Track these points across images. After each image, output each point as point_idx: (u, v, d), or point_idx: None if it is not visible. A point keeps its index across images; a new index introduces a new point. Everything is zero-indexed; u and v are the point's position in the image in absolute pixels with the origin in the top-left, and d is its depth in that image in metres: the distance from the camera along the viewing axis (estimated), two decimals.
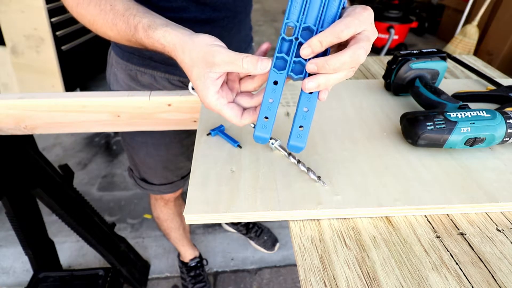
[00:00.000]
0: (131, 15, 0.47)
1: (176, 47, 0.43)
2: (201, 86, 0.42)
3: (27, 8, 1.91)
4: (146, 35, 0.45)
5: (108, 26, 0.50)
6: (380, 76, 0.88)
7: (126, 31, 0.48)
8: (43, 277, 1.07)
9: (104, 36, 0.53)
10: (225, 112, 0.43)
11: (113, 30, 0.49)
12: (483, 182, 0.49)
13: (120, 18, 0.48)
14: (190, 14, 0.65)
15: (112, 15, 0.49)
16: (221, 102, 0.42)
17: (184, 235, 1.24)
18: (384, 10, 3.26)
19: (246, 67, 0.39)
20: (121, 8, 0.49)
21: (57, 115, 0.70)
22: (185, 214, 0.44)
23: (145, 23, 0.46)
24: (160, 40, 0.44)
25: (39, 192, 0.90)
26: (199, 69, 0.41)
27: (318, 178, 0.48)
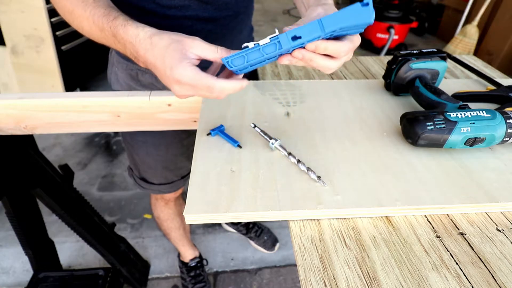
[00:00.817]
0: (114, 10, 0.50)
1: (155, 34, 0.45)
2: (178, 56, 0.43)
3: (27, 8, 1.91)
4: (125, 23, 0.47)
5: (86, 15, 0.51)
6: (380, 76, 0.88)
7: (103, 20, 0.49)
8: (43, 277, 1.07)
9: (78, 28, 0.54)
10: (201, 75, 0.43)
11: (89, 20, 0.50)
12: (483, 182, 0.49)
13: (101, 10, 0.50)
14: (193, 12, 0.66)
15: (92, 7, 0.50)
16: (195, 68, 0.43)
17: (184, 235, 1.24)
18: (384, 10, 3.26)
19: (220, 53, 0.44)
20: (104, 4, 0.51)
21: (57, 115, 0.70)
22: (185, 214, 0.44)
23: (127, 18, 0.48)
24: (138, 29, 0.46)
25: (39, 192, 0.90)
26: (178, 46, 0.43)
27: (318, 178, 0.48)
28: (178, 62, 0.43)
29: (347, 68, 0.92)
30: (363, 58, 0.99)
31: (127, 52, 0.49)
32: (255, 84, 0.75)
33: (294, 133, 0.59)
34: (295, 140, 0.57)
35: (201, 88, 0.44)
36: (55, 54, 2.05)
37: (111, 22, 0.48)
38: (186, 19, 0.66)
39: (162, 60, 0.44)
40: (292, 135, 0.58)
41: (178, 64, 0.43)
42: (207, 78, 0.43)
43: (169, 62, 0.43)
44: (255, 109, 0.66)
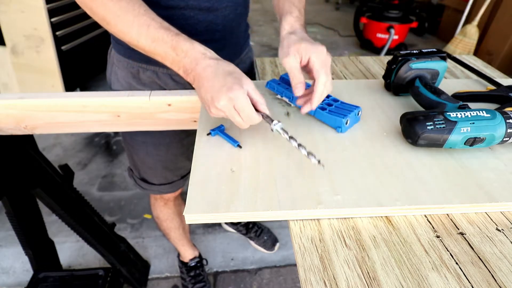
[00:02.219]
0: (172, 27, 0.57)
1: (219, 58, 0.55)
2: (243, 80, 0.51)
3: (27, 8, 1.91)
4: (190, 40, 0.55)
5: (139, 23, 0.55)
6: (380, 76, 0.88)
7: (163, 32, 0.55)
8: (43, 277, 1.07)
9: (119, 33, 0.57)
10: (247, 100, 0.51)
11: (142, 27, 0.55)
12: (483, 182, 0.49)
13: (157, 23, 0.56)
14: (195, 1, 0.67)
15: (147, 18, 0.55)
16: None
17: (184, 235, 1.24)
18: (384, 10, 3.26)
19: (263, 99, 0.53)
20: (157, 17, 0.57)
21: (57, 115, 0.70)
22: (185, 214, 0.44)
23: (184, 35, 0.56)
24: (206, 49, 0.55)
25: (39, 192, 0.90)
26: (239, 76, 0.52)
27: (318, 162, 0.48)
28: (245, 81, 0.51)
29: (347, 68, 0.92)
30: (363, 58, 0.99)
31: (180, 63, 0.54)
32: (255, 84, 0.75)
33: (294, 133, 0.58)
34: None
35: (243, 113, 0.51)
36: (55, 54, 2.05)
37: (173, 36, 0.54)
38: (188, 9, 0.67)
39: (223, 76, 0.51)
40: (292, 135, 0.58)
41: (244, 82, 0.51)
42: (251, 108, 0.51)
43: (232, 79, 0.50)
44: None
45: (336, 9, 5.03)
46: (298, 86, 0.56)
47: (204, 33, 0.72)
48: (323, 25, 4.26)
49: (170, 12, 0.67)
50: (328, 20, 4.48)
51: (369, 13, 3.39)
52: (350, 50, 3.58)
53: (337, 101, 0.64)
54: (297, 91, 0.56)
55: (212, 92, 0.51)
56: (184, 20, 0.68)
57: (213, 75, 0.51)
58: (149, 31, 0.54)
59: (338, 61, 0.97)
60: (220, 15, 0.71)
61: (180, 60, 0.54)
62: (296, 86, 0.56)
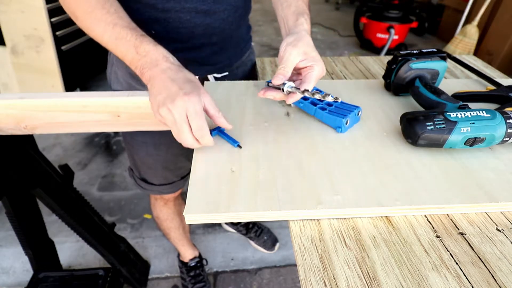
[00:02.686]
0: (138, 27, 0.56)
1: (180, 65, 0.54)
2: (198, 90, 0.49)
3: (27, 8, 1.91)
4: (154, 42, 0.54)
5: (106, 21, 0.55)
6: (380, 76, 0.88)
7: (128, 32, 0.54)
8: (43, 277, 1.07)
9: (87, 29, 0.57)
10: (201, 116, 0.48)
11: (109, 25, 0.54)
12: (483, 182, 0.49)
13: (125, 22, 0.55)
14: (192, 4, 0.66)
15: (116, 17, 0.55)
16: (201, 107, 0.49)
17: (184, 235, 1.24)
18: (384, 10, 3.26)
19: (220, 114, 0.51)
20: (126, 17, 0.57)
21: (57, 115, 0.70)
22: (185, 214, 0.44)
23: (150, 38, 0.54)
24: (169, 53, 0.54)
25: (39, 192, 0.90)
26: (199, 85, 0.50)
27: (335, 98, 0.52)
28: (198, 92, 0.49)
29: (347, 68, 0.92)
30: (363, 58, 0.99)
31: (137, 62, 0.53)
32: (255, 84, 0.75)
33: (294, 133, 0.59)
34: (295, 140, 0.57)
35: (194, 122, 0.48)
36: (55, 54, 2.05)
37: (138, 36, 0.53)
38: (185, 11, 0.67)
39: (182, 81, 0.49)
40: (292, 135, 0.58)
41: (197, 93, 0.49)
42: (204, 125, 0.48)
43: (191, 86, 0.49)
44: (255, 109, 0.66)
45: (336, 9, 5.03)
46: (279, 77, 0.54)
47: (202, 36, 0.71)
48: (323, 25, 4.26)
49: (166, 15, 0.67)
50: (328, 20, 4.48)
51: (369, 13, 3.39)
52: (350, 50, 3.58)
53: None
54: (276, 80, 0.54)
55: (167, 93, 0.48)
56: (181, 23, 0.68)
57: (172, 78, 0.50)
58: (115, 29, 0.54)
59: (338, 61, 0.97)
60: (218, 18, 0.70)
61: (139, 59, 0.53)
62: (278, 76, 0.54)
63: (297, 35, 0.56)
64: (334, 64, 0.95)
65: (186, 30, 0.69)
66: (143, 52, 0.52)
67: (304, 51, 0.54)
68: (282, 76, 0.54)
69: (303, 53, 0.54)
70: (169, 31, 0.69)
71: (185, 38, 0.71)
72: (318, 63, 0.54)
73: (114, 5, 0.56)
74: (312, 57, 0.54)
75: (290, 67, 0.54)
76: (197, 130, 0.48)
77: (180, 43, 0.72)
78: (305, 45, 0.55)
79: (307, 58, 0.54)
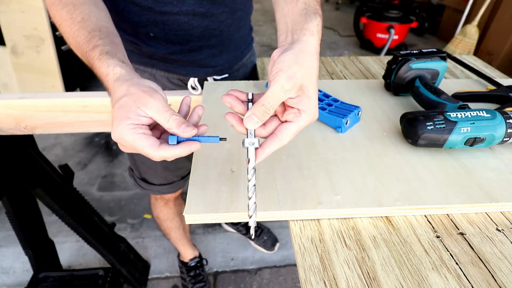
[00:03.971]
0: (97, 36, 0.46)
1: (120, 79, 0.41)
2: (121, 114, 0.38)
3: (27, 8, 1.91)
4: (99, 57, 0.43)
5: (71, 34, 0.49)
6: (380, 76, 0.88)
7: (83, 46, 0.46)
8: (43, 277, 1.07)
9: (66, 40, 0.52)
10: (138, 142, 0.37)
11: (74, 40, 0.48)
12: (483, 182, 0.49)
13: (84, 33, 0.47)
14: (189, 6, 0.66)
15: (78, 27, 0.48)
16: (135, 131, 0.37)
17: (184, 235, 1.24)
18: (384, 10, 3.26)
19: (170, 124, 0.38)
20: (90, 25, 0.48)
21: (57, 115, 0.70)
22: (185, 214, 0.44)
23: (106, 49, 0.44)
24: (108, 68, 0.42)
25: (39, 192, 0.90)
26: (129, 101, 0.38)
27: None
28: (118, 122, 0.38)
29: (347, 68, 0.92)
30: (363, 58, 0.99)
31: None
32: (255, 84, 0.75)
33: None
34: (295, 140, 0.57)
35: (140, 152, 0.39)
36: (55, 54, 2.05)
37: (89, 51, 0.45)
38: (182, 14, 0.66)
39: (112, 110, 0.40)
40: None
41: (117, 124, 0.38)
42: (145, 147, 0.38)
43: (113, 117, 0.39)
44: None
45: (336, 9, 5.03)
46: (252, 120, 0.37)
47: (200, 39, 0.71)
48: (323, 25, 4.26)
49: (164, 18, 0.66)
50: (328, 20, 4.48)
51: (369, 13, 3.39)
52: (350, 50, 3.58)
53: (337, 101, 0.64)
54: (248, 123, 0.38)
55: None
56: (179, 25, 0.68)
57: (111, 104, 0.42)
58: (78, 43, 0.47)
59: (338, 61, 0.97)
60: (216, 20, 0.70)
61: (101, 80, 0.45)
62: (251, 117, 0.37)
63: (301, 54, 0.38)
64: (334, 64, 0.95)
65: (184, 32, 0.69)
66: (97, 74, 0.45)
67: (301, 85, 0.37)
68: (256, 120, 0.37)
69: (297, 88, 0.37)
70: (167, 33, 0.69)
71: (183, 40, 0.71)
72: (309, 110, 0.38)
73: (84, 12, 0.49)
74: (307, 98, 0.38)
75: (272, 108, 0.37)
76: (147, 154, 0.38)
77: (179, 45, 0.72)
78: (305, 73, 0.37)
79: (300, 99, 0.38)
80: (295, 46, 0.38)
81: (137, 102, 0.38)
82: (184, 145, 0.39)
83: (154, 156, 0.38)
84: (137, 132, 0.37)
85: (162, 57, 0.73)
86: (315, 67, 0.38)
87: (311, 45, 0.39)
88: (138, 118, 0.38)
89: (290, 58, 0.37)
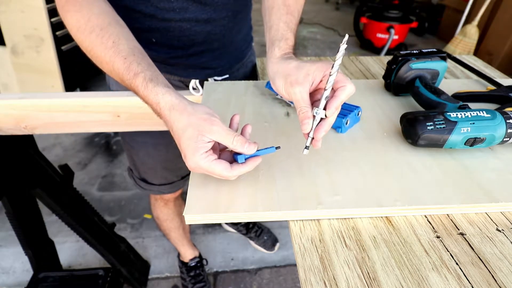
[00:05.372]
0: (134, 62, 0.48)
1: (175, 107, 0.44)
2: (193, 146, 0.42)
3: (27, 8, 1.90)
4: (145, 85, 0.46)
5: (105, 60, 0.50)
6: (380, 76, 0.88)
7: (123, 73, 0.48)
8: (43, 277, 1.07)
9: (97, 64, 0.53)
10: (214, 167, 0.43)
11: (109, 65, 0.50)
12: (483, 182, 0.49)
13: (120, 59, 0.48)
14: (191, 14, 0.66)
15: (112, 53, 0.49)
16: (209, 159, 0.43)
17: (184, 235, 1.24)
18: (384, 10, 3.26)
19: (235, 145, 0.43)
20: (124, 49, 0.49)
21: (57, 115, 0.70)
22: (185, 214, 0.44)
23: (147, 75, 0.47)
24: (158, 96, 0.45)
25: (39, 192, 0.90)
26: (194, 131, 0.43)
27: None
28: (192, 153, 0.43)
29: (347, 68, 0.92)
30: (363, 58, 0.99)
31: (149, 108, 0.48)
32: (255, 84, 0.75)
33: (294, 133, 0.59)
34: (295, 140, 0.57)
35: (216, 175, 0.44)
36: (55, 54, 2.05)
37: (131, 79, 0.47)
38: (185, 21, 0.66)
39: (179, 141, 0.44)
40: (292, 135, 0.58)
41: (192, 155, 0.43)
42: (222, 170, 0.43)
43: (185, 149, 0.43)
44: (255, 109, 0.66)
45: (336, 9, 5.03)
46: (306, 122, 0.46)
47: (202, 44, 0.71)
48: (323, 25, 4.26)
49: (166, 24, 0.66)
50: (328, 20, 4.48)
51: (369, 13, 3.39)
52: (350, 50, 3.58)
53: None
54: (305, 127, 0.46)
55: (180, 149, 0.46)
56: (181, 31, 0.68)
57: (172, 132, 0.45)
58: (114, 69, 0.49)
59: None
60: (219, 25, 0.70)
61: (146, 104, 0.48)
62: (304, 121, 0.46)
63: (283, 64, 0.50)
64: None
65: (187, 38, 0.69)
66: (144, 100, 0.48)
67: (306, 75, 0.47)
68: (306, 120, 0.46)
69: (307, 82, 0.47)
70: (170, 39, 0.69)
71: (186, 45, 0.71)
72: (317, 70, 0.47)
73: (113, 35, 0.50)
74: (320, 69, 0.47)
75: (307, 107, 0.46)
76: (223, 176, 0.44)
77: (181, 50, 0.71)
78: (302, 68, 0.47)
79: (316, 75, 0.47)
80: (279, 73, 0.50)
81: (201, 131, 0.43)
82: (250, 161, 0.45)
83: (230, 177, 0.44)
84: (210, 159, 0.43)
85: (164, 61, 0.73)
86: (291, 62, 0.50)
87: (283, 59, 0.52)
88: (206, 145, 0.43)
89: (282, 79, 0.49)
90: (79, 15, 0.51)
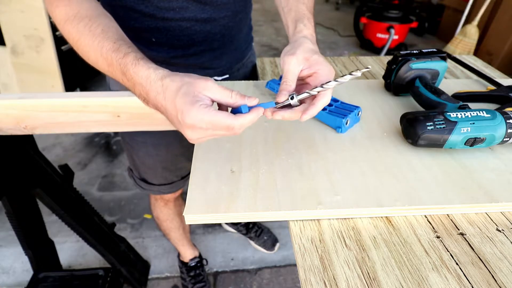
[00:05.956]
0: (124, 45, 0.47)
1: (167, 76, 0.42)
2: (190, 99, 0.40)
3: (27, 8, 1.90)
4: (136, 62, 0.44)
5: (93, 46, 0.48)
6: (380, 76, 0.88)
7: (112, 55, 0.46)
8: (43, 277, 1.07)
9: (84, 56, 0.52)
10: (218, 117, 0.40)
11: (97, 51, 0.48)
12: (483, 182, 0.49)
13: (110, 43, 0.47)
14: (191, 13, 0.66)
15: (101, 38, 0.48)
16: (210, 109, 0.40)
17: (184, 235, 1.24)
18: (384, 10, 3.26)
19: (235, 99, 0.42)
20: (113, 36, 0.48)
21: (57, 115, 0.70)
22: (185, 214, 0.44)
23: (138, 55, 0.45)
24: (149, 70, 0.43)
25: (39, 192, 0.90)
26: (190, 88, 0.40)
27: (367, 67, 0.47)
28: (190, 105, 0.39)
29: (347, 68, 0.92)
30: (363, 58, 0.99)
31: (136, 93, 0.46)
32: (255, 84, 0.75)
33: (294, 133, 0.59)
34: (295, 140, 0.57)
35: (219, 128, 0.41)
36: (55, 54, 2.05)
37: (121, 59, 0.45)
38: (184, 21, 0.66)
39: (173, 103, 0.41)
40: (292, 135, 0.58)
41: (190, 108, 0.39)
42: (226, 118, 0.40)
43: (180, 106, 0.40)
44: None
45: (336, 9, 5.03)
46: (283, 94, 0.46)
47: (202, 43, 0.71)
48: (323, 25, 4.26)
49: (166, 24, 0.66)
50: (328, 20, 4.48)
51: (369, 13, 3.39)
52: (350, 50, 3.58)
53: (337, 101, 0.64)
54: (280, 98, 0.46)
55: (173, 123, 0.43)
56: (181, 31, 0.68)
57: (164, 101, 0.42)
58: (102, 53, 0.47)
59: (338, 61, 0.97)
60: (218, 24, 0.70)
61: (133, 88, 0.46)
62: (283, 92, 0.46)
63: (295, 43, 0.50)
64: (334, 64, 0.95)
65: (187, 37, 0.69)
66: (131, 80, 0.45)
67: (304, 57, 0.47)
68: (285, 92, 0.46)
69: (303, 60, 0.47)
70: (169, 38, 0.69)
71: (186, 45, 0.71)
72: (323, 65, 0.47)
73: (102, 25, 0.49)
74: (315, 61, 0.47)
75: (293, 80, 0.47)
76: (226, 133, 0.42)
77: (181, 50, 0.72)
78: (304, 51, 0.48)
79: (310, 64, 0.48)
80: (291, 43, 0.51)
81: (198, 88, 0.40)
82: (253, 110, 0.42)
83: (235, 126, 0.41)
84: (212, 110, 0.40)
85: (164, 60, 0.73)
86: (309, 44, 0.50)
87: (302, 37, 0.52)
88: (204, 99, 0.41)
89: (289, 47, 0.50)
90: (68, 8, 0.51)
